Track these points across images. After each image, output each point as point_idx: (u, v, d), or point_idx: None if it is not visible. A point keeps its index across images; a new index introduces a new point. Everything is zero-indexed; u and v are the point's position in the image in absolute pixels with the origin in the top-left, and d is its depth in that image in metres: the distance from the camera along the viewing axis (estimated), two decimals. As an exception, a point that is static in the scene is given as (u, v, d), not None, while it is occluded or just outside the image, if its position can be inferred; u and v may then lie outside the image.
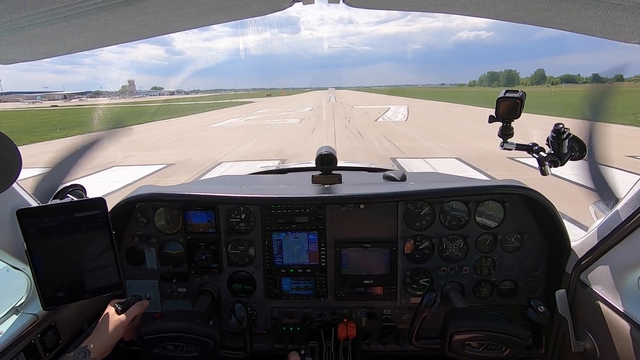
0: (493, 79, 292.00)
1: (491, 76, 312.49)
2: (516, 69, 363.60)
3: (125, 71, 52.20)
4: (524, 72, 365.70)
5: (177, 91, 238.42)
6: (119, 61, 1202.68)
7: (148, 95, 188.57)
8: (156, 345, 1.40)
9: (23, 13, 0.76)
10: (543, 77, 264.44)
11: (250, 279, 1.85)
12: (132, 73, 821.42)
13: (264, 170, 2.77)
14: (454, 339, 1.39)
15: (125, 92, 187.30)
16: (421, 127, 21.21)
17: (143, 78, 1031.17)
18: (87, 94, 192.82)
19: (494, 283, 1.80)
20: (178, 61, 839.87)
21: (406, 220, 1.78)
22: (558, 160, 1.36)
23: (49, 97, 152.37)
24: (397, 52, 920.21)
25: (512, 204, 1.73)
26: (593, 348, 1.43)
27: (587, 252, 1.49)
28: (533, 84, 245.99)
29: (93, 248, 1.37)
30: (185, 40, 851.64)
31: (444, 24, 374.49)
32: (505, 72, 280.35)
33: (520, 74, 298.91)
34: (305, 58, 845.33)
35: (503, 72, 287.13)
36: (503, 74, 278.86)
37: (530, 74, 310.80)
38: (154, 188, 1.77)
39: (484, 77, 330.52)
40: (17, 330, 1.33)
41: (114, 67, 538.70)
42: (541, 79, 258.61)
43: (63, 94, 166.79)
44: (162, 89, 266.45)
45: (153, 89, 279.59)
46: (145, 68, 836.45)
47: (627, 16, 0.83)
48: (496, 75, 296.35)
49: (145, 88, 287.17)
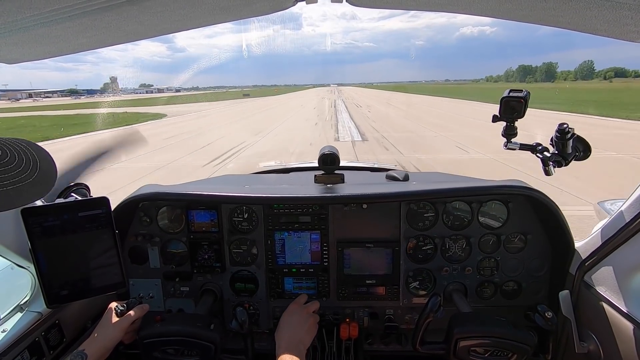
0: (527, 73, 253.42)
1: (524, 70, 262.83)
2: (543, 63, 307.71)
3: (128, 69, 51.78)
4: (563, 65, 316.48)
5: (167, 88, 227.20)
6: (122, 59, 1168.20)
7: (134, 93, 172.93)
8: (156, 348, 1.39)
9: (28, 13, 0.77)
10: (591, 70, 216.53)
11: (253, 279, 1.85)
12: (135, 70, 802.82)
13: (266, 169, 2.77)
14: (459, 345, 1.37)
15: (107, 90, 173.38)
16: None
17: (146, 76, 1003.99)
18: (60, 92, 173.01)
19: (497, 284, 1.79)
20: (180, 58, 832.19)
21: (409, 220, 1.78)
22: (562, 160, 1.35)
23: (9, 95, 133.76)
24: (400, 48, 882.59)
25: (515, 204, 1.72)
26: (597, 349, 1.42)
27: (591, 253, 1.48)
28: (579, 78, 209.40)
29: (96, 247, 1.38)
30: (187, 37, 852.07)
31: (448, 20, 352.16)
32: (545, 65, 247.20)
33: (560, 67, 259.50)
34: (308, 54, 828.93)
35: (542, 65, 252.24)
36: (542, 67, 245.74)
37: (573, 67, 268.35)
38: (157, 187, 1.78)
39: (511, 71, 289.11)
40: (21, 327, 1.34)
41: (117, 65, 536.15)
42: (589, 72, 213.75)
43: (28, 93, 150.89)
44: (151, 86, 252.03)
45: (141, 87, 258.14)
46: (149, 66, 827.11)
47: (633, 15, 0.82)
48: (530, 69, 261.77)
49: (133, 85, 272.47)
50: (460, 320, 1.43)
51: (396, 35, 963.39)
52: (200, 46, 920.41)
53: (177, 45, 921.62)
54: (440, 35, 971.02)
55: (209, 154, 14.05)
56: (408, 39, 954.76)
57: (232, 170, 11.28)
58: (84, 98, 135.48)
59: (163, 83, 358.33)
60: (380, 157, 12.65)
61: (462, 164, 11.22)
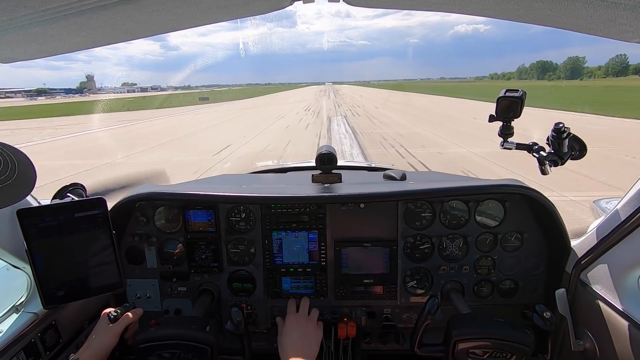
0: (545, 69, 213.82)
1: (542, 67, 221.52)
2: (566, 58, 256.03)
3: (120, 67, 47.73)
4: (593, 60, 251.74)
5: (152, 87, 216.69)
6: (114, 57, 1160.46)
7: (113, 93, 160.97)
8: (152, 353, 1.37)
9: (23, 12, 0.76)
10: (625, 65, 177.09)
11: (251, 278, 1.85)
12: (127, 69, 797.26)
13: (263, 169, 2.77)
14: (457, 348, 1.37)
15: (83, 89, 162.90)
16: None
17: (139, 74, 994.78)
18: (25, 92, 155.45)
19: (494, 282, 1.80)
20: (173, 57, 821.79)
21: (406, 219, 1.78)
22: (558, 159, 1.36)
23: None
24: (395, 46, 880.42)
25: (512, 203, 1.73)
26: (593, 347, 1.43)
27: (587, 252, 1.49)
28: (610, 74, 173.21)
29: (93, 247, 1.38)
30: (181, 35, 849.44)
31: (442, 17, 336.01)
32: (570, 59, 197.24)
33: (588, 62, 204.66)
34: (302, 53, 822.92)
35: (567, 59, 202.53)
36: (567, 62, 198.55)
37: (603, 62, 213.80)
38: (154, 187, 1.78)
39: (523, 68, 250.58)
40: (17, 329, 1.33)
41: (109, 63, 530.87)
42: (623, 68, 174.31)
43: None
44: (135, 84, 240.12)
45: (123, 85, 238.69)
46: (141, 64, 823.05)
47: (628, 15, 0.83)
48: (550, 66, 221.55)
49: (115, 84, 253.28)
50: (459, 322, 1.42)
51: (390, 33, 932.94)
52: (194, 44, 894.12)
53: (170, 43, 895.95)
54: (434, 33, 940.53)
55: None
56: (402, 37, 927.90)
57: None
58: (42, 99, 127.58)
59: (154, 82, 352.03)
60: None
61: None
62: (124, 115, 38.67)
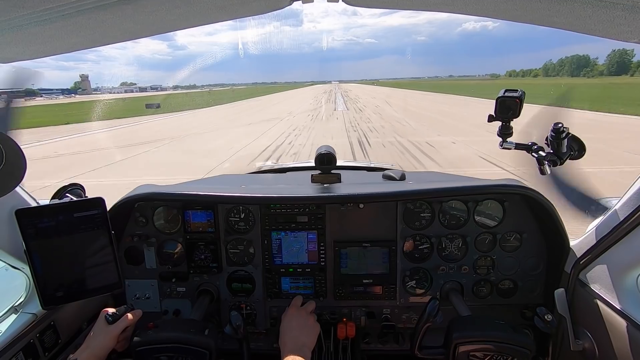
0: (582, 65, 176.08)
1: (578, 62, 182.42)
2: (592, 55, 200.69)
3: (128, 67, 45.90)
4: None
5: (152, 87, 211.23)
6: (122, 57, 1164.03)
7: (109, 93, 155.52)
8: (149, 356, 1.36)
9: (22, 12, 0.76)
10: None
11: (250, 279, 1.85)
12: (136, 68, 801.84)
13: (263, 169, 2.77)
14: (458, 350, 1.37)
15: (77, 89, 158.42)
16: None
17: (146, 74, 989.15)
18: (10, 92, 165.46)
19: (493, 282, 1.80)
20: (181, 56, 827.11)
21: (405, 219, 1.78)
22: (557, 159, 1.36)
23: None
24: (402, 44, 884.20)
25: (511, 203, 1.73)
26: (592, 347, 1.43)
27: (586, 252, 1.49)
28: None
29: (92, 248, 1.37)
30: (188, 34, 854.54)
31: (449, 15, 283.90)
32: (615, 53, 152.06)
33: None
34: (309, 51, 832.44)
35: (612, 52, 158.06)
36: (612, 55, 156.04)
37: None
38: (153, 187, 1.77)
39: (550, 64, 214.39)
40: (16, 329, 1.33)
41: (118, 63, 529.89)
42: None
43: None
44: (134, 84, 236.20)
45: (122, 85, 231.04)
46: (149, 63, 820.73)
47: (626, 15, 0.83)
48: (587, 61, 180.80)
49: (113, 84, 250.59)
50: (459, 325, 1.42)
51: (397, 31, 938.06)
52: (201, 44, 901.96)
53: (177, 42, 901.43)
54: (442, 31, 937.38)
55: None
56: (410, 35, 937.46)
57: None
58: (24, 101, 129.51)
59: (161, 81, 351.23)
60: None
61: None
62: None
